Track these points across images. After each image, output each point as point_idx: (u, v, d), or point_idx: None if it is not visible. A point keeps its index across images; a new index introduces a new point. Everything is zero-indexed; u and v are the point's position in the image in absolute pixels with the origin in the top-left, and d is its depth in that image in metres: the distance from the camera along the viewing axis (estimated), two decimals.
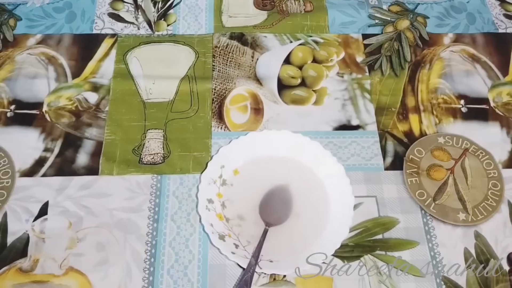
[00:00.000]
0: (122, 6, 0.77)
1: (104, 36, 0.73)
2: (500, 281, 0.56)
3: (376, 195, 0.61)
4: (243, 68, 0.71)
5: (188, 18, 0.76)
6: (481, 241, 0.58)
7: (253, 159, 0.62)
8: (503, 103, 0.69)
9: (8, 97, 0.67)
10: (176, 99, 0.68)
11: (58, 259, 0.55)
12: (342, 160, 0.63)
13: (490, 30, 0.76)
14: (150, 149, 0.63)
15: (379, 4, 0.79)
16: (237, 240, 0.56)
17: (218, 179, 0.60)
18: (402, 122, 0.67)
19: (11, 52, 0.71)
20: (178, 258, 0.56)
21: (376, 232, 0.58)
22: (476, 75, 0.72)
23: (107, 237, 0.57)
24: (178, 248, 0.57)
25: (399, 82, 0.71)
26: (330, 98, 0.69)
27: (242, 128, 0.66)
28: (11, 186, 0.60)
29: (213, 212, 0.57)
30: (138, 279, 0.55)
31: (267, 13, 0.77)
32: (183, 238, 0.57)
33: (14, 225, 0.57)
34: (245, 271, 0.53)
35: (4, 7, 0.75)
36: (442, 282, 0.55)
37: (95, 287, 0.54)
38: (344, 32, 0.75)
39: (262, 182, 0.60)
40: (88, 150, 0.63)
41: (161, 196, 0.60)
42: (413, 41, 0.75)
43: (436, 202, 0.61)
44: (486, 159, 0.64)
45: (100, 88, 0.68)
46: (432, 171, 0.63)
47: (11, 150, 0.62)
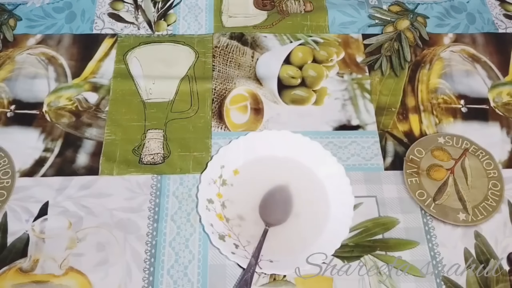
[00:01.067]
0: (122, 6, 0.77)
1: (104, 36, 0.73)
2: (500, 281, 0.56)
3: (376, 195, 0.61)
4: (243, 68, 0.71)
5: (188, 18, 0.76)
6: (481, 241, 0.58)
7: (253, 159, 0.62)
8: (503, 103, 0.69)
9: (8, 97, 0.67)
10: (176, 99, 0.68)
11: (58, 259, 0.55)
12: (342, 160, 0.63)
13: (490, 30, 0.76)
14: (150, 149, 0.63)
15: (379, 4, 0.79)
16: (237, 240, 0.56)
17: (218, 179, 0.60)
18: (402, 122, 0.67)
19: (11, 52, 0.71)
20: (178, 258, 0.56)
21: (376, 232, 0.58)
22: (476, 75, 0.72)
23: (107, 237, 0.57)
24: (178, 248, 0.57)
25: (399, 82, 0.71)
26: (330, 98, 0.69)
27: (242, 128, 0.66)
28: (11, 186, 0.60)
29: (213, 212, 0.57)
30: (138, 279, 0.55)
31: (267, 13, 0.77)
32: (183, 238, 0.57)
33: (14, 225, 0.57)
34: (245, 271, 0.53)
35: (4, 7, 0.75)
36: (442, 282, 0.55)
37: (95, 287, 0.54)
38: (344, 32, 0.75)
39: (262, 182, 0.60)
40: (88, 150, 0.63)
41: (161, 196, 0.60)
42: (413, 41, 0.75)
43: (436, 202, 0.61)
44: (486, 159, 0.64)
45: (100, 88, 0.68)
46: (432, 171, 0.63)
47: (11, 150, 0.62)
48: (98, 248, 0.56)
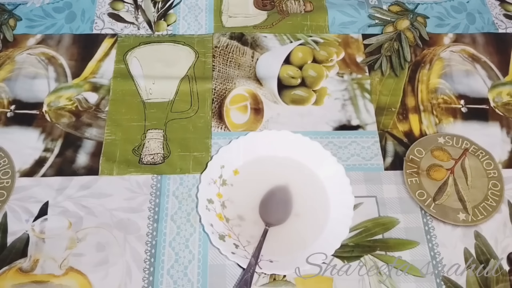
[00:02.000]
0: (122, 6, 0.77)
1: (104, 36, 0.73)
2: (500, 281, 0.56)
3: (376, 195, 0.61)
4: (243, 68, 0.71)
5: (188, 18, 0.76)
6: (481, 241, 0.58)
7: (253, 159, 0.62)
8: (503, 103, 0.69)
9: (8, 97, 0.67)
10: (176, 99, 0.68)
11: (58, 259, 0.55)
12: (342, 160, 0.63)
13: (490, 30, 0.76)
14: (150, 149, 0.63)
15: (379, 4, 0.79)
16: (237, 240, 0.56)
17: (218, 179, 0.60)
18: (402, 122, 0.67)
19: (11, 52, 0.71)
20: (178, 258, 0.56)
21: (376, 232, 0.58)
22: (476, 75, 0.72)
23: (107, 237, 0.57)
24: (178, 248, 0.57)
25: (399, 82, 0.71)
26: (330, 98, 0.69)
27: (242, 128, 0.66)
28: (11, 186, 0.60)
29: (213, 212, 0.57)
30: (138, 279, 0.55)
31: (267, 13, 0.77)
32: (183, 238, 0.57)
33: (14, 225, 0.57)
34: (245, 271, 0.53)
35: (4, 7, 0.75)
36: (442, 282, 0.55)
37: (95, 287, 0.54)
38: (344, 32, 0.75)
39: (262, 182, 0.60)
40: (88, 150, 0.63)
41: (161, 196, 0.60)
42: (413, 41, 0.75)
43: (436, 202, 0.61)
44: (486, 159, 0.64)
45: (100, 88, 0.68)
46: (432, 171, 0.63)
47: (11, 150, 0.62)
48: (98, 248, 0.56)
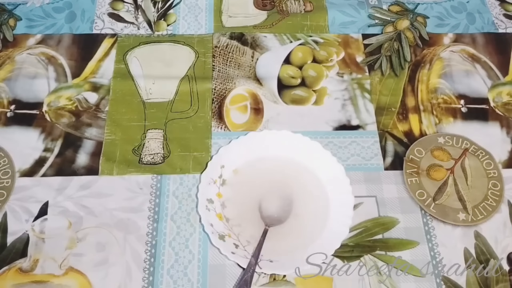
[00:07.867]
0: (122, 6, 0.77)
1: (104, 36, 0.73)
2: (500, 281, 0.56)
3: (376, 195, 0.61)
4: (243, 68, 0.71)
5: (188, 18, 0.76)
6: (481, 241, 0.58)
7: (253, 159, 0.62)
8: (503, 103, 0.69)
9: (8, 97, 0.67)
10: (176, 99, 0.68)
11: (58, 259, 0.55)
12: (342, 160, 0.63)
13: (490, 30, 0.76)
14: (150, 149, 0.63)
15: (379, 4, 0.79)
16: (237, 240, 0.56)
17: (218, 179, 0.60)
18: (402, 122, 0.67)
19: (11, 52, 0.71)
20: (178, 258, 0.56)
21: (376, 232, 0.58)
22: (476, 75, 0.72)
23: (107, 237, 0.57)
24: (178, 248, 0.57)
25: (399, 82, 0.71)
26: (330, 98, 0.69)
27: (242, 128, 0.66)
28: (11, 186, 0.60)
29: (213, 212, 0.57)
30: (138, 279, 0.55)
31: (267, 13, 0.77)
32: (183, 238, 0.57)
33: (14, 225, 0.57)
34: (245, 271, 0.53)
35: (4, 7, 0.75)
36: (442, 282, 0.55)
37: (95, 287, 0.54)
38: (344, 32, 0.75)
39: (262, 182, 0.60)
40: (88, 150, 0.63)
41: (161, 196, 0.60)
42: (413, 41, 0.75)
43: (436, 202, 0.61)
44: (486, 159, 0.64)
45: (100, 88, 0.68)
46: (432, 171, 0.63)
47: (11, 150, 0.62)
48: (98, 248, 0.56)
